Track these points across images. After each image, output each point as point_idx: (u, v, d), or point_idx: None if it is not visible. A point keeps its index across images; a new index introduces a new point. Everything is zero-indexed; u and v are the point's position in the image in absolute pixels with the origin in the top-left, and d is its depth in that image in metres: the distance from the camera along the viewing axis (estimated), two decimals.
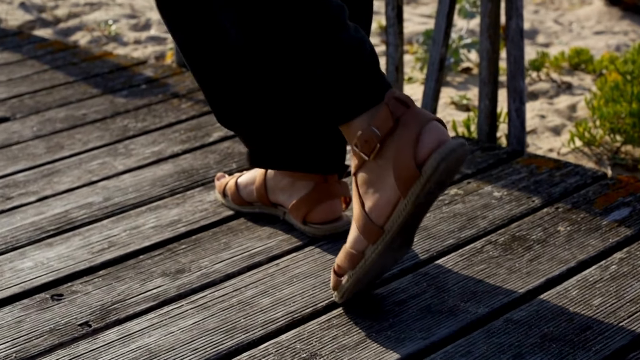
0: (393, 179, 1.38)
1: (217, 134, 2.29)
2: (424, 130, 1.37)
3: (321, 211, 1.70)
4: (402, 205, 1.38)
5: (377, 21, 4.23)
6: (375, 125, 1.39)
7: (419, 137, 1.36)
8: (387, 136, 1.39)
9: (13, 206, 1.97)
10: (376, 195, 1.41)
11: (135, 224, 1.85)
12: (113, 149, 2.25)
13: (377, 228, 1.41)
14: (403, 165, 1.37)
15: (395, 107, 1.38)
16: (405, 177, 1.37)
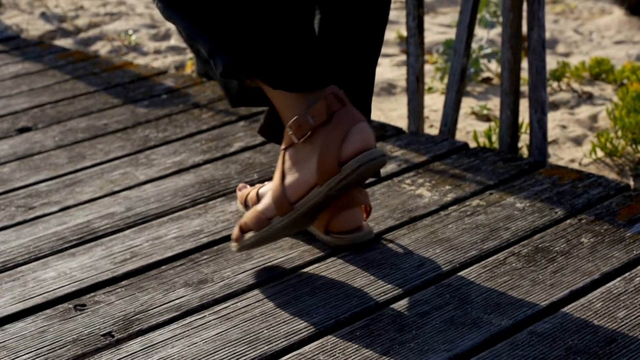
0: (315, 165, 1.52)
1: (238, 144, 2.30)
2: (353, 130, 1.51)
3: (342, 219, 1.70)
4: (316, 191, 1.54)
5: (396, 31, 4.23)
6: (311, 114, 1.52)
7: (347, 136, 1.51)
8: (319, 126, 1.52)
9: (35, 216, 1.98)
10: (297, 174, 1.55)
11: (157, 234, 1.85)
12: (134, 159, 2.25)
13: (288, 204, 1.56)
14: (327, 158, 1.51)
15: (332, 102, 1.51)
16: (325, 169, 1.52)
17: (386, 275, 1.63)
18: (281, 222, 1.58)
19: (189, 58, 3.62)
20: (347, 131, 1.51)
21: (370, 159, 1.50)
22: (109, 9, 4.43)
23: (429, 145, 2.20)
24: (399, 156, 2.15)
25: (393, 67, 3.65)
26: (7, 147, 2.40)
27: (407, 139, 2.25)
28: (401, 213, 1.86)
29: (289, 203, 1.56)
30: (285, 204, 1.56)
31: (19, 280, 1.70)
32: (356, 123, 1.52)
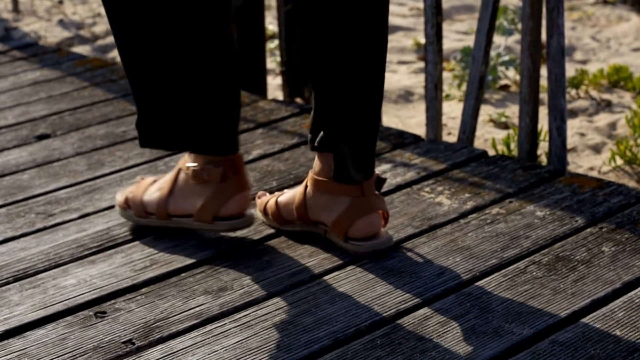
0: (199, 205, 1.81)
1: (256, 152, 2.30)
2: (237, 196, 1.80)
3: (361, 225, 1.72)
4: (188, 220, 1.84)
5: (413, 38, 4.23)
6: (207, 172, 1.79)
7: (230, 199, 1.79)
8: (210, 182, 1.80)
9: (55, 223, 1.98)
10: (182, 199, 1.83)
11: (176, 241, 1.85)
12: (153, 166, 2.26)
13: (166, 214, 1.85)
14: (208, 208, 1.80)
15: (227, 170, 1.78)
16: (203, 215, 1.80)
17: (406, 283, 1.63)
18: (155, 223, 1.87)
19: None
20: (232, 196, 1.78)
21: (238, 227, 1.81)
22: None
23: (448, 153, 2.20)
24: (417, 164, 2.15)
25: (410, 75, 3.65)
26: (27, 154, 2.41)
27: (425, 147, 2.25)
28: (421, 221, 1.86)
29: (167, 214, 1.84)
30: (164, 213, 1.85)
31: (40, 287, 1.71)
32: (241, 191, 1.79)
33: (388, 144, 2.29)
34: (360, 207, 1.71)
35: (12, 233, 1.94)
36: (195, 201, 1.81)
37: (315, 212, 1.77)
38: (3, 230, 1.96)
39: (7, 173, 2.29)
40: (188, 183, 1.82)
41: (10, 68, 3.27)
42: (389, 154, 2.22)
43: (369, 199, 1.72)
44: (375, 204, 1.73)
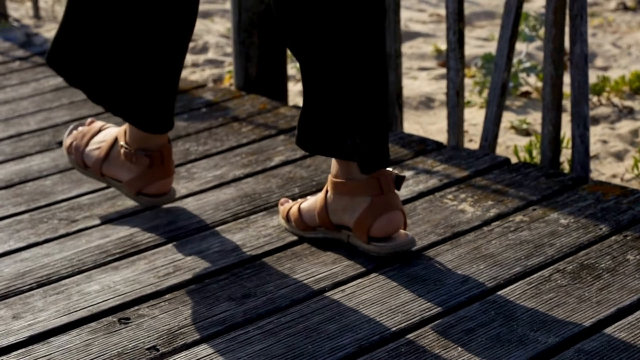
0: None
1: (278, 158, 2.30)
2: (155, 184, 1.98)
3: (382, 223, 1.72)
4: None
5: (433, 44, 4.23)
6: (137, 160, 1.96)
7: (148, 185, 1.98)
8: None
9: (78, 229, 1.99)
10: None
11: (199, 248, 1.85)
12: (176, 173, 2.26)
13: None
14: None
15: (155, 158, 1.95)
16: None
17: (430, 291, 1.62)
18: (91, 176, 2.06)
19: (227, 71, 3.63)
20: (155, 181, 1.98)
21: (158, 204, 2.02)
22: None
23: (470, 160, 2.19)
24: (440, 171, 2.14)
25: (431, 81, 3.64)
26: (49, 160, 2.42)
27: (447, 154, 2.25)
28: (444, 228, 1.85)
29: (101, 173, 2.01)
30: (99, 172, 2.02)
31: (64, 293, 1.71)
32: (164, 178, 1.98)
33: (410, 150, 2.28)
34: (380, 205, 1.71)
35: (36, 239, 1.95)
36: (124, 174, 1.99)
37: (337, 216, 1.77)
38: (26, 236, 1.96)
39: (29, 179, 2.30)
40: (120, 156, 1.98)
41: (31, 74, 3.29)
42: (411, 160, 2.22)
43: (387, 196, 1.72)
44: (394, 201, 1.73)
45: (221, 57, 3.91)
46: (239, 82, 2.95)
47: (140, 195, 2.01)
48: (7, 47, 3.72)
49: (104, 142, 2.03)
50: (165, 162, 1.98)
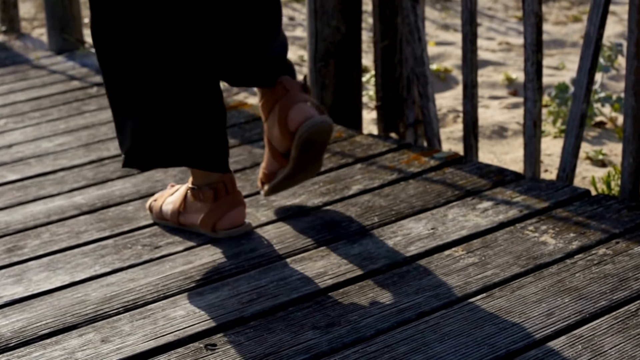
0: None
1: (356, 187, 2.32)
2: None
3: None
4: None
5: (504, 73, 4.22)
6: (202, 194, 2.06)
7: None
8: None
9: (162, 255, 2.02)
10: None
11: (282, 275, 1.87)
12: (255, 200, 2.29)
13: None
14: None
15: (220, 190, 2.05)
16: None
17: (515, 323, 1.62)
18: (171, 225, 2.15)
19: None
20: (225, 213, 2.06)
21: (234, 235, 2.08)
22: None
23: (550, 192, 2.19)
24: (519, 202, 2.14)
25: (503, 110, 3.64)
26: (130, 186, 2.46)
27: (527, 185, 2.24)
28: (526, 260, 1.85)
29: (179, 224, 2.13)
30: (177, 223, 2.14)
31: (150, 318, 1.74)
32: (233, 209, 2.06)
33: (488, 181, 2.28)
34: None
35: (120, 264, 1.99)
36: (197, 216, 2.09)
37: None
38: (111, 261, 2.00)
39: (112, 204, 2.34)
40: (191, 201, 2.10)
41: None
42: (489, 191, 2.22)
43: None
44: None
45: None
46: None
47: (215, 231, 2.07)
48: (84, 73, 3.80)
49: (177, 198, 2.14)
50: (230, 191, 2.06)
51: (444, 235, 2.00)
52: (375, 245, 1.98)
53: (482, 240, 1.96)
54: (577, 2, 6.39)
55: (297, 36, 5.11)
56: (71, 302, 1.83)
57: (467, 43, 2.65)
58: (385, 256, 1.92)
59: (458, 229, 2.02)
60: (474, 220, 2.06)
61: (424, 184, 2.30)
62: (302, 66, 4.34)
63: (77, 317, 1.76)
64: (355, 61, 2.94)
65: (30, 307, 1.81)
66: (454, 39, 5.18)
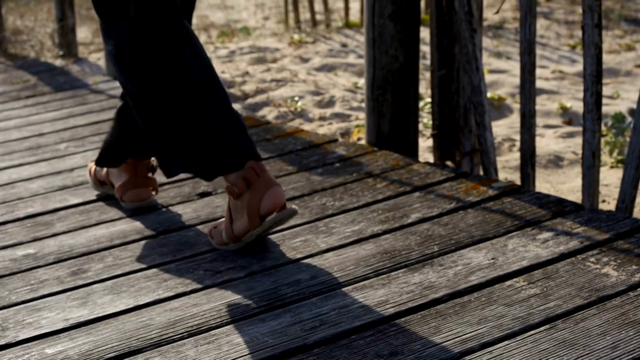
0: (246, 217, 2.13)
1: (415, 215, 2.33)
2: (267, 194, 2.11)
3: (130, 194, 2.51)
4: (251, 234, 2.14)
5: (558, 102, 4.21)
6: (236, 186, 2.14)
7: (262, 199, 2.11)
8: (243, 193, 2.14)
9: (223, 280, 2.04)
10: (239, 220, 2.16)
11: (343, 302, 1.89)
12: (314, 227, 2.31)
13: (237, 238, 2.17)
14: (251, 215, 2.12)
15: (249, 175, 2.12)
16: (252, 221, 2.13)
17: (580, 356, 1.61)
18: (234, 247, 2.20)
19: (355, 125, 3.69)
20: (263, 195, 2.11)
21: (282, 218, 2.13)
22: (273, 74, 4.56)
23: (610, 223, 2.18)
24: (580, 233, 2.14)
25: (558, 139, 3.63)
26: (190, 211, 2.49)
27: (586, 216, 2.24)
28: (589, 292, 1.85)
29: (238, 237, 2.17)
30: (235, 238, 2.17)
31: (214, 343, 1.76)
32: (269, 188, 2.12)
33: (548, 211, 2.28)
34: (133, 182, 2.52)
35: (183, 289, 2.01)
36: (241, 215, 2.16)
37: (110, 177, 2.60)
38: (174, 286, 2.03)
39: (173, 229, 2.37)
40: (234, 203, 2.17)
41: None
42: (549, 222, 2.22)
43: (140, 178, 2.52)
44: (145, 181, 2.52)
45: (347, 110, 3.97)
46: (371, 138, 3.00)
47: (262, 217, 2.13)
48: None
49: (226, 213, 2.22)
50: (261, 173, 2.14)
51: (505, 265, 2.00)
52: (436, 274, 1.98)
53: (544, 271, 1.96)
54: (630, 30, 6.36)
55: (350, 63, 5.14)
56: (136, 326, 1.85)
57: (526, 73, 2.66)
58: (447, 285, 1.92)
59: (519, 260, 2.02)
60: (535, 250, 2.06)
61: (483, 213, 2.31)
62: (355, 93, 4.37)
63: (142, 341, 1.79)
64: (413, 89, 2.96)
65: (96, 330, 1.85)
66: (507, 67, 5.18)
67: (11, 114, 3.99)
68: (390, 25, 2.87)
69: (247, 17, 7.77)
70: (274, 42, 5.86)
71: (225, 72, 4.61)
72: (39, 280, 2.11)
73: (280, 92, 4.23)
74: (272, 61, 5.11)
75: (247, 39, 6.11)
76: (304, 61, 5.18)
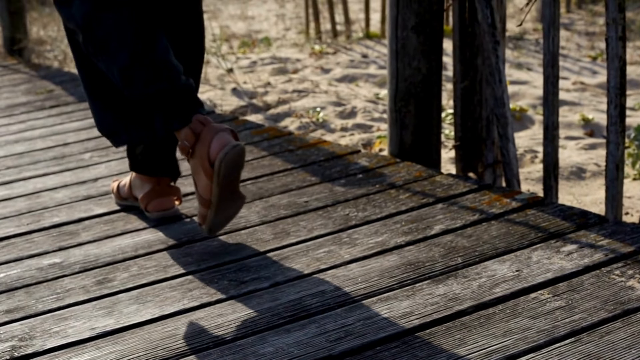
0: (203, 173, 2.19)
1: (438, 227, 2.33)
2: (214, 139, 2.16)
3: (154, 204, 2.54)
4: (213, 187, 2.18)
5: (579, 113, 4.21)
6: (185, 139, 2.20)
7: (210, 144, 2.16)
8: (194, 145, 2.19)
9: (248, 290, 2.05)
10: (199, 181, 2.21)
11: (368, 314, 1.89)
12: (337, 238, 2.32)
13: (206, 200, 2.21)
14: (204, 165, 2.17)
15: (195, 126, 2.19)
16: (207, 172, 2.18)
17: None
18: (211, 212, 2.22)
19: (377, 136, 3.70)
20: (210, 141, 2.16)
21: (227, 150, 2.15)
22: (295, 85, 4.58)
23: (635, 236, 2.18)
24: (604, 245, 2.14)
25: (580, 151, 3.63)
26: None
27: (610, 228, 2.24)
28: (614, 305, 1.85)
29: (207, 200, 2.21)
30: (205, 201, 2.22)
31: (239, 353, 1.77)
32: (216, 133, 2.17)
33: (571, 223, 2.28)
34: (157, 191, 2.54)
35: (208, 299, 2.03)
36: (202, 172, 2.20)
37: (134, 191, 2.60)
38: (199, 295, 2.04)
39: (197, 239, 2.39)
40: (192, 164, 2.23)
41: None
42: (573, 234, 2.22)
43: (163, 187, 2.55)
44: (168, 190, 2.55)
45: (369, 121, 3.98)
46: (394, 149, 3.01)
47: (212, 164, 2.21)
48: None
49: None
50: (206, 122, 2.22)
51: (529, 277, 2.00)
52: (460, 286, 1.99)
53: (568, 284, 1.96)
54: None
55: (371, 73, 5.15)
56: (162, 335, 1.87)
57: (549, 85, 2.66)
58: (471, 297, 1.93)
59: (543, 272, 2.02)
60: (559, 263, 2.06)
61: (507, 225, 2.31)
62: (377, 104, 4.39)
63: (169, 350, 1.80)
64: (436, 101, 2.96)
65: (122, 340, 1.86)
66: (527, 78, 5.18)
67: (35, 124, 4.02)
68: (414, 38, 2.88)
69: (268, 27, 7.80)
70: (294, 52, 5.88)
71: (248, 82, 4.63)
72: (65, 289, 2.13)
73: (302, 102, 4.25)
74: (293, 72, 5.13)
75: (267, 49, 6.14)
76: (325, 72, 5.19)
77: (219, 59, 5.26)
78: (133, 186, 2.61)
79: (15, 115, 4.09)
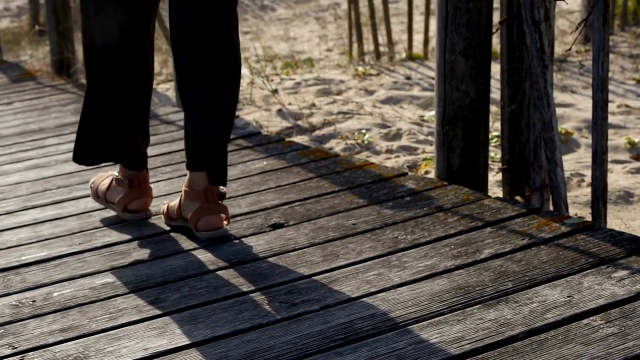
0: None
1: (487, 251, 2.33)
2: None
3: (204, 222, 2.58)
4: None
5: (625, 137, 4.19)
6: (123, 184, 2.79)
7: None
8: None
9: (298, 313, 2.07)
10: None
11: (419, 338, 1.90)
12: (386, 261, 2.33)
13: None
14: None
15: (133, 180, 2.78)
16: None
17: None
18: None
19: (423, 159, 3.70)
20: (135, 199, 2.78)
21: (137, 219, 2.81)
22: (339, 107, 4.61)
23: None
24: None
25: (627, 175, 3.61)
26: (264, 243, 2.53)
27: None
28: None
29: (106, 200, 2.86)
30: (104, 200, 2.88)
31: None
32: (141, 197, 2.79)
33: (622, 249, 2.28)
34: (204, 209, 2.59)
35: (259, 321, 2.04)
36: (116, 196, 2.79)
37: (184, 211, 2.64)
38: (250, 317, 2.06)
39: (247, 260, 2.41)
40: (114, 185, 2.81)
41: (237, 156, 3.45)
42: (624, 259, 2.21)
43: (211, 205, 2.59)
44: (215, 208, 2.59)
45: (414, 143, 3.99)
46: (441, 172, 3.01)
47: (125, 212, 2.78)
48: None
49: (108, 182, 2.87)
50: (143, 184, 2.78)
51: (581, 303, 2.00)
52: (511, 311, 1.99)
53: (621, 310, 1.95)
54: None
55: (415, 95, 5.16)
56: (214, 357, 1.88)
57: (598, 109, 2.66)
58: (522, 323, 1.93)
59: (595, 298, 2.02)
60: (611, 289, 2.06)
61: (557, 250, 2.31)
62: (421, 126, 4.40)
63: None
64: (483, 124, 2.97)
65: None
66: (572, 101, 5.17)
67: None
68: (462, 61, 2.89)
69: (310, 48, 7.85)
70: (338, 73, 5.91)
71: (293, 103, 4.66)
72: (117, 309, 2.16)
73: (347, 124, 4.27)
74: (337, 93, 5.16)
75: (310, 70, 6.18)
76: (368, 93, 5.22)
77: (263, 79, 5.31)
78: (183, 207, 2.64)
79: (65, 135, 4.15)
